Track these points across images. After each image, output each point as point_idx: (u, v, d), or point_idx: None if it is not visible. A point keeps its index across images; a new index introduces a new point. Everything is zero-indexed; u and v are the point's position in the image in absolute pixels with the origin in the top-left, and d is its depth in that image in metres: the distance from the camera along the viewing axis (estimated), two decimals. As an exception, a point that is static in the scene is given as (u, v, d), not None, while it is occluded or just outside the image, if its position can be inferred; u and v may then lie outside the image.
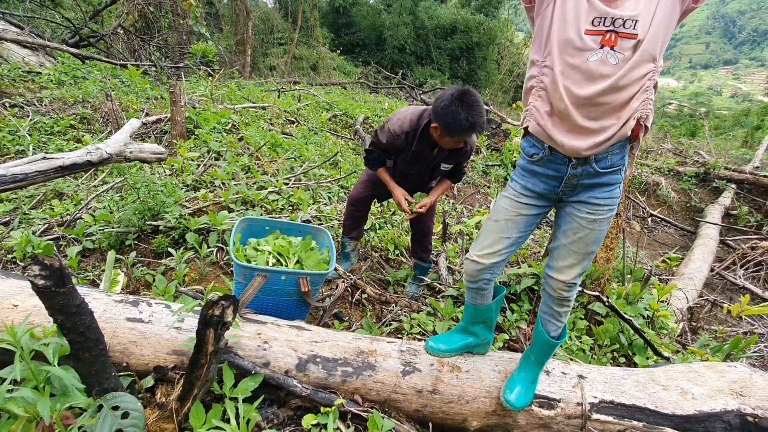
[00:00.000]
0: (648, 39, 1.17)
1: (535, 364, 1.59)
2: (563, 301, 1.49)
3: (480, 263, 1.51)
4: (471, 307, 1.67)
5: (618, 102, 1.23)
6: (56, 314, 1.02)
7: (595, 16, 1.19)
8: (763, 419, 1.52)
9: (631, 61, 1.18)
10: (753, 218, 6.20)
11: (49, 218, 2.81)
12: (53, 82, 5.36)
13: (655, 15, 1.17)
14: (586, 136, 1.27)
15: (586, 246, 1.39)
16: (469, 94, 1.92)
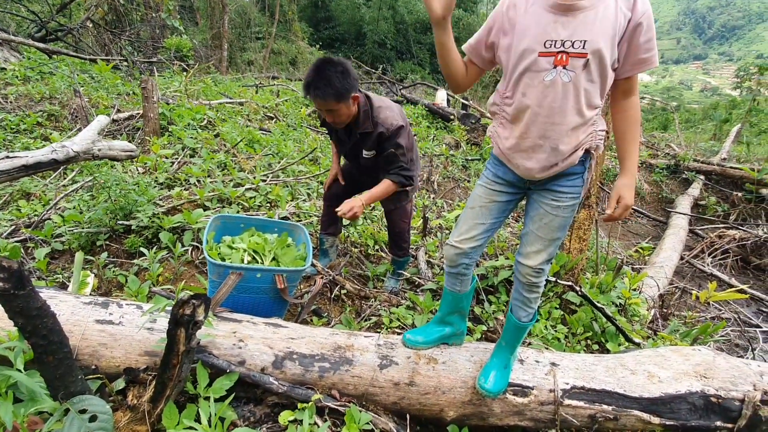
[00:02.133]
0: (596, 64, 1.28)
1: (507, 349, 1.63)
2: (532, 287, 1.54)
3: (458, 248, 1.57)
4: (450, 295, 1.70)
5: (572, 125, 1.34)
6: (16, 317, 0.99)
7: (546, 39, 1.29)
8: (726, 399, 1.59)
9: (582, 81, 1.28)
10: (720, 208, 6.44)
11: (15, 219, 2.71)
12: (18, 78, 5.15)
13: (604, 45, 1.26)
14: (542, 156, 1.39)
15: (551, 232, 1.45)
16: (324, 60, 2.00)
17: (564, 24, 1.25)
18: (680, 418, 1.57)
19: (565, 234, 1.48)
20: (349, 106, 2.09)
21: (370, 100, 2.22)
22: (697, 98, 50.93)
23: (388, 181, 2.26)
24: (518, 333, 1.61)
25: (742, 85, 14.12)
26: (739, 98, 16.32)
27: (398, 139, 2.19)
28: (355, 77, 2.04)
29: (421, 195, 5.03)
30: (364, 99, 2.19)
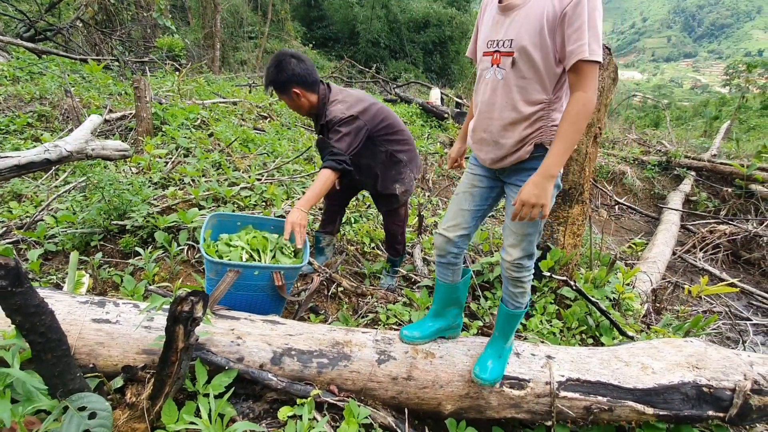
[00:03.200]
0: (524, 61, 1.30)
1: (500, 338, 1.65)
2: (515, 282, 1.56)
3: (446, 236, 1.62)
4: (442, 286, 1.73)
5: (508, 120, 1.37)
6: (14, 315, 0.98)
7: (488, 39, 1.37)
8: (717, 389, 1.62)
9: (513, 78, 1.32)
10: (711, 203, 6.52)
11: (7, 221, 2.68)
12: (7, 78, 5.09)
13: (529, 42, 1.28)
14: (490, 149, 1.45)
15: (521, 227, 1.46)
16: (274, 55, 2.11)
17: (501, 24, 1.32)
18: (673, 408, 1.60)
19: (536, 230, 1.48)
20: (292, 99, 2.14)
21: (330, 91, 2.24)
22: (688, 96, 51.49)
23: (321, 170, 2.09)
24: (509, 321, 1.63)
25: (732, 82, 14.29)
26: (728, 95, 16.55)
27: (337, 127, 2.11)
28: (296, 72, 2.05)
29: (416, 193, 5.04)
30: (325, 92, 2.22)
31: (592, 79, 1.24)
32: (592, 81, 1.24)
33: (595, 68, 1.24)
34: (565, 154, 1.29)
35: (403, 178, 2.46)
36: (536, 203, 1.31)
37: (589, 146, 2.35)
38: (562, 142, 1.27)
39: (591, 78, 1.24)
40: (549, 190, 1.30)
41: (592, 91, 1.25)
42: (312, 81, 2.12)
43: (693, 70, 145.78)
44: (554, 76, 1.30)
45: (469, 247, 3.17)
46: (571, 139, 1.27)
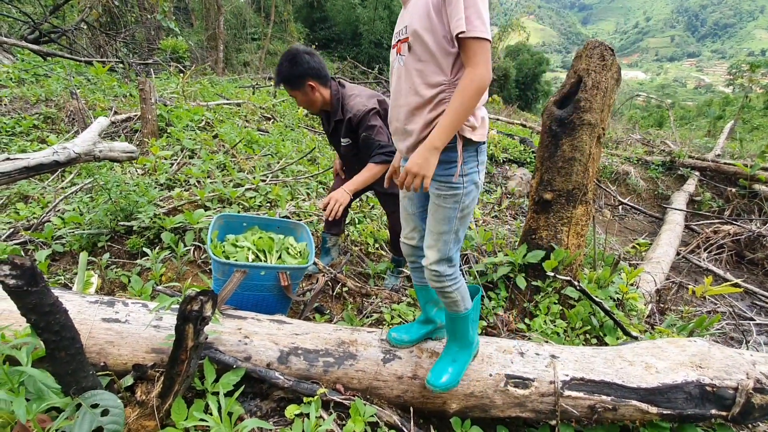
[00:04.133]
0: (418, 44, 1.30)
1: (451, 343, 1.63)
2: (440, 292, 1.52)
3: (408, 244, 1.65)
4: (421, 290, 1.73)
5: (413, 105, 1.37)
6: (29, 314, 1.01)
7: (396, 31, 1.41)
8: (721, 388, 1.62)
9: (411, 63, 1.33)
10: (715, 203, 6.51)
11: (14, 222, 2.71)
12: (13, 81, 5.14)
13: (419, 25, 1.29)
14: (402, 138, 1.45)
15: (436, 224, 1.44)
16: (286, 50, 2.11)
17: (403, 15, 1.38)
18: (677, 407, 1.61)
19: (451, 229, 1.43)
20: (305, 93, 2.12)
21: (343, 88, 2.23)
22: (692, 95, 51.31)
23: (371, 164, 2.20)
24: (454, 324, 1.59)
25: (735, 82, 14.25)
26: (732, 95, 16.49)
27: (369, 122, 2.18)
28: (310, 65, 2.06)
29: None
30: (337, 87, 2.22)
31: (480, 55, 1.23)
32: (479, 56, 1.23)
33: (482, 44, 1.23)
34: (450, 126, 1.28)
35: None
36: (418, 173, 1.30)
37: (592, 147, 2.36)
38: (448, 115, 1.27)
39: (478, 54, 1.23)
40: (431, 162, 1.30)
41: (482, 67, 1.24)
42: (324, 75, 2.13)
43: (696, 69, 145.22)
44: (450, 57, 1.29)
45: (472, 247, 3.18)
46: (458, 113, 1.26)
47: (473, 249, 3.18)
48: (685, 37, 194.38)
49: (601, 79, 2.28)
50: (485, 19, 1.23)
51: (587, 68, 2.31)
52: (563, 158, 2.39)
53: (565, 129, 2.36)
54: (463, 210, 1.42)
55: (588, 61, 2.31)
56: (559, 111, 2.40)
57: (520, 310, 2.52)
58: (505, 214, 5.04)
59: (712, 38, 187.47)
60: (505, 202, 5.23)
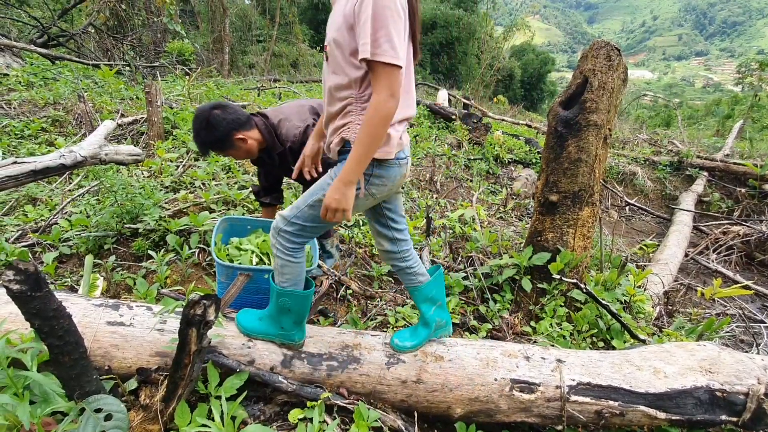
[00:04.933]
0: (332, 55, 1.30)
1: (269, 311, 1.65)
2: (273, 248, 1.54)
3: (380, 250, 1.66)
4: (413, 291, 1.72)
5: (327, 113, 1.38)
6: (33, 319, 1.01)
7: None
8: (731, 394, 1.59)
9: (327, 71, 1.33)
10: (724, 204, 6.42)
11: (22, 224, 2.74)
12: (22, 84, 5.20)
13: (334, 36, 1.28)
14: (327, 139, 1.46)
15: (307, 197, 1.45)
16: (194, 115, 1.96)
17: (330, 17, 1.35)
18: (686, 413, 1.58)
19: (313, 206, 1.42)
20: (239, 148, 2.01)
21: (267, 119, 2.11)
22: (700, 94, 50.83)
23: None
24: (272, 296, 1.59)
25: (744, 81, 14.09)
26: (741, 94, 16.30)
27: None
28: (228, 119, 1.93)
29: (423, 195, 5.05)
30: (263, 122, 2.09)
31: (384, 81, 1.18)
32: (382, 82, 1.18)
33: (388, 70, 1.17)
34: (361, 159, 1.25)
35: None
36: (337, 208, 1.30)
37: (599, 148, 2.33)
38: (357, 147, 1.25)
39: (381, 79, 1.18)
40: (348, 195, 1.29)
41: (384, 94, 1.19)
42: (246, 119, 2.00)
43: (705, 68, 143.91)
44: (359, 71, 1.26)
45: (477, 249, 3.16)
46: (366, 145, 1.24)
47: (478, 251, 3.17)
48: (692, 35, 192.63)
49: (607, 79, 2.26)
50: (396, 42, 1.16)
51: (593, 68, 2.28)
52: (569, 159, 2.36)
53: (570, 130, 2.34)
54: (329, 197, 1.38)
55: (594, 62, 2.29)
56: (564, 112, 2.38)
57: (525, 313, 2.50)
58: (510, 215, 5.01)
59: (720, 36, 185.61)
60: (511, 204, 5.20)
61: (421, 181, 5.47)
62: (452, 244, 3.40)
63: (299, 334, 1.63)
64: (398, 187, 1.49)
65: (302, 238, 1.50)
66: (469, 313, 2.51)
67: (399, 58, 1.17)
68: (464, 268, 2.95)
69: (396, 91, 1.20)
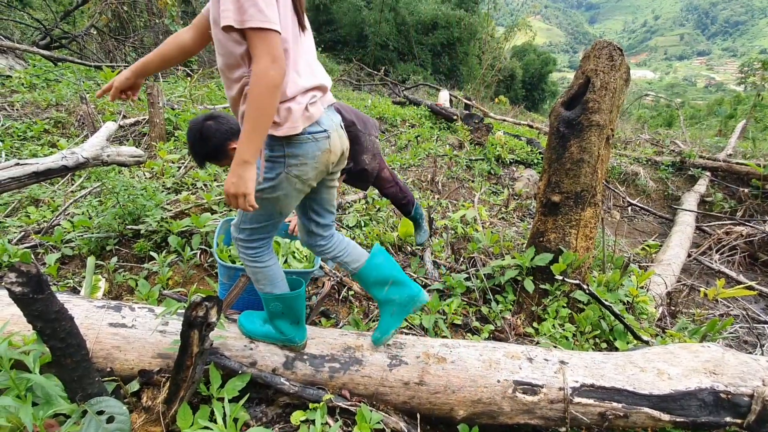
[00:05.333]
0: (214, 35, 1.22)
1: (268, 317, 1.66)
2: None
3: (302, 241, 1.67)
4: (357, 277, 1.71)
5: (229, 99, 1.33)
6: (35, 321, 1.01)
7: None
8: (735, 395, 1.58)
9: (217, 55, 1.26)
10: (727, 204, 6.40)
11: (25, 226, 2.74)
12: (24, 86, 5.21)
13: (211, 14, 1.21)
14: None
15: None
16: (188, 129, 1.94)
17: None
18: (690, 415, 1.57)
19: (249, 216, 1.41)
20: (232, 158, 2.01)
21: None
22: (702, 94, 50.70)
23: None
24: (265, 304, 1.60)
25: (747, 80, 14.05)
26: (743, 94, 16.26)
27: None
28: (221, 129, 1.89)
29: (425, 196, 5.04)
30: None
31: (261, 47, 1.11)
32: (259, 49, 1.11)
33: (262, 36, 1.10)
34: (253, 135, 1.17)
35: (366, 146, 2.44)
36: (236, 193, 1.20)
37: (601, 148, 2.33)
38: (245, 123, 1.17)
39: (258, 46, 1.11)
40: (246, 177, 1.19)
41: (264, 60, 1.11)
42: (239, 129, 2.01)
43: (707, 68, 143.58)
44: (240, 47, 1.18)
45: (479, 249, 3.15)
46: (253, 119, 1.16)
47: (480, 252, 3.16)
48: (694, 35, 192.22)
49: (609, 79, 2.25)
50: (263, 6, 1.08)
51: (595, 69, 2.28)
52: (571, 160, 2.36)
53: (573, 130, 2.33)
54: (261, 194, 1.35)
55: (596, 62, 2.28)
56: (566, 112, 2.37)
57: (528, 314, 2.49)
58: (512, 216, 5.00)
59: (722, 36, 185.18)
60: (512, 204, 5.19)
61: (422, 182, 5.47)
62: (454, 244, 3.40)
63: (299, 335, 1.62)
64: (325, 165, 1.41)
65: (259, 241, 1.48)
66: (472, 314, 2.51)
67: (270, 21, 1.10)
68: (466, 268, 2.95)
69: (278, 57, 1.12)
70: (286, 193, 1.36)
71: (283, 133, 1.27)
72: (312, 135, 1.33)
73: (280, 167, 1.33)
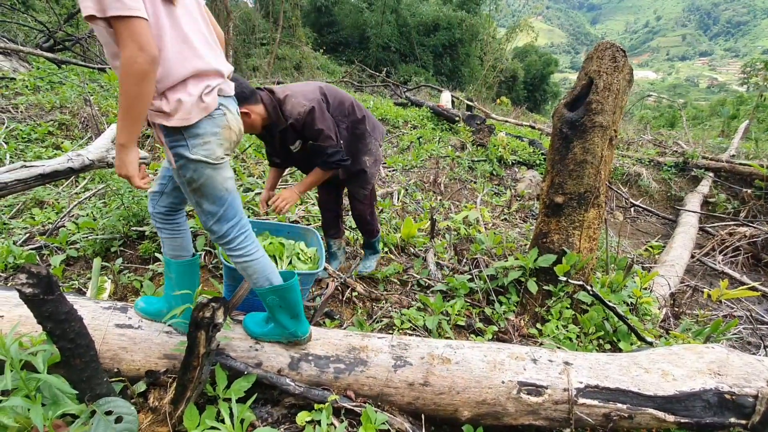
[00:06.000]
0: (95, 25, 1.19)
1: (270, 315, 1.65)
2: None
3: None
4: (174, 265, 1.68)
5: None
6: (45, 322, 1.02)
7: None
8: (740, 396, 1.58)
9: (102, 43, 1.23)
10: (730, 205, 6.38)
11: (30, 227, 2.76)
12: (28, 88, 5.24)
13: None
14: None
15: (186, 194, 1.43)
16: None
17: None
18: (695, 416, 1.57)
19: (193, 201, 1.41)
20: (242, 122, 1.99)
21: (274, 94, 2.08)
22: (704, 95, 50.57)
23: (318, 169, 2.20)
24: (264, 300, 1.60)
25: (749, 80, 14.01)
26: (746, 94, 16.21)
27: (314, 125, 2.06)
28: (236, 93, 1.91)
29: (428, 197, 5.05)
30: (269, 96, 2.05)
31: (125, 35, 1.09)
32: (124, 37, 1.09)
33: (126, 23, 1.08)
34: (125, 122, 1.18)
35: (371, 148, 2.41)
36: (121, 174, 1.26)
37: (604, 149, 2.33)
38: (120, 110, 1.17)
39: (123, 35, 1.09)
40: (126, 161, 1.23)
41: (130, 48, 1.09)
42: (250, 93, 1.96)
43: (709, 68, 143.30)
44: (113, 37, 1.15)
45: (482, 251, 3.16)
46: (125, 107, 1.16)
47: (483, 253, 3.16)
48: (696, 35, 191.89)
49: (612, 80, 2.25)
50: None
51: (598, 70, 2.28)
52: (574, 161, 2.36)
53: (576, 131, 2.34)
54: (192, 185, 1.36)
55: (599, 63, 2.29)
56: (569, 113, 2.38)
57: (531, 315, 2.49)
58: (514, 217, 5.00)
59: (725, 36, 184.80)
60: (515, 205, 5.19)
61: (425, 183, 5.47)
62: (457, 246, 3.40)
63: (301, 329, 1.61)
64: (229, 142, 1.41)
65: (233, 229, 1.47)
66: (475, 315, 2.51)
67: (130, 8, 1.08)
68: (469, 270, 2.95)
69: (145, 44, 1.11)
70: (209, 174, 1.36)
71: (174, 124, 1.27)
72: (201, 122, 1.32)
73: (185, 150, 1.32)
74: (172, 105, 1.25)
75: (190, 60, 1.27)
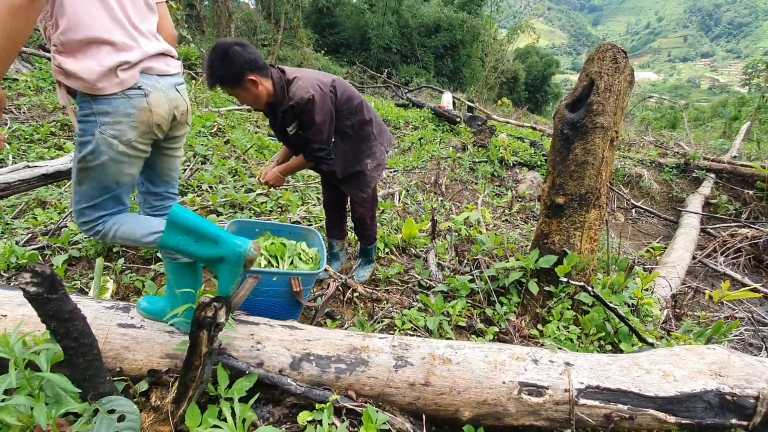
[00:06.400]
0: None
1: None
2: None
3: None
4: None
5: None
6: (49, 321, 1.02)
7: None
8: (741, 397, 1.58)
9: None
10: (732, 206, 6.37)
11: (32, 227, 2.77)
12: (31, 89, 5.26)
13: None
14: None
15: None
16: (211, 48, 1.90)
17: None
18: (696, 417, 1.57)
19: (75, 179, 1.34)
20: (247, 90, 1.94)
21: (284, 74, 2.07)
22: (706, 96, 50.52)
23: (303, 157, 2.22)
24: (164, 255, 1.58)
25: (751, 82, 13.99)
26: (748, 95, 16.20)
27: (310, 115, 2.06)
28: (246, 58, 1.87)
29: (429, 198, 5.05)
30: (279, 75, 2.05)
31: None
32: None
33: None
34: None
35: (374, 152, 2.40)
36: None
37: (605, 150, 2.33)
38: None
39: None
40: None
41: None
42: (263, 65, 1.95)
43: (711, 69, 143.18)
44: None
45: (483, 252, 3.16)
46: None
47: (484, 254, 3.17)
48: (698, 36, 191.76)
49: (613, 81, 2.26)
50: None
51: (599, 71, 2.29)
52: (576, 162, 2.36)
53: (577, 132, 2.34)
54: (82, 163, 1.30)
55: (600, 64, 2.29)
56: (571, 114, 2.38)
57: (532, 316, 2.50)
58: (515, 218, 5.00)
59: (726, 38, 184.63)
60: (516, 206, 5.19)
61: (426, 184, 5.48)
62: (458, 246, 3.40)
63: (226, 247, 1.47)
64: (147, 126, 1.34)
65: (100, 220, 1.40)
66: (476, 316, 2.51)
67: None
68: (470, 270, 2.95)
69: None
70: (111, 158, 1.29)
71: (77, 87, 1.23)
72: (122, 91, 1.27)
73: (93, 126, 1.26)
74: (74, 66, 1.20)
75: (100, 20, 1.22)
